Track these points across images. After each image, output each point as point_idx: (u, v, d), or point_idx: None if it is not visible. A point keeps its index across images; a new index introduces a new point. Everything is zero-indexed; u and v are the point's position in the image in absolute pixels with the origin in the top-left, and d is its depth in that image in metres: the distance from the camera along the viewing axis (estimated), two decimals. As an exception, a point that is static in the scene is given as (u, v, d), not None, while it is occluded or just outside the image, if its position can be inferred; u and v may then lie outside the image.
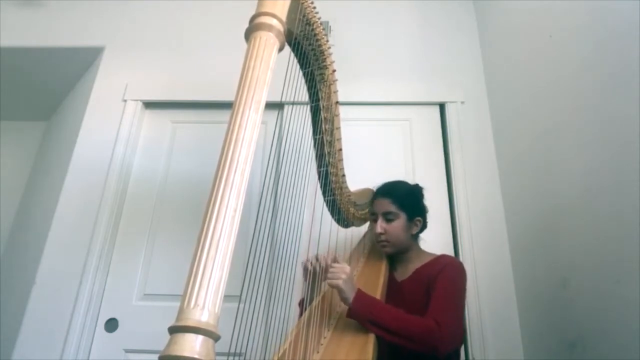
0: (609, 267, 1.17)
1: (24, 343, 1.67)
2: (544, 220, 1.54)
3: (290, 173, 1.10)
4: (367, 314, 1.03)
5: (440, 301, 1.10)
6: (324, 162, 1.19)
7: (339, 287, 1.05)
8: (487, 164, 1.94)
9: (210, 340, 0.44)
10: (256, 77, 0.60)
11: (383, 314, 1.04)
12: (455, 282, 1.17)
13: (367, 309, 1.04)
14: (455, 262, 1.26)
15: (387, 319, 1.02)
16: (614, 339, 1.14)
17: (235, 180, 0.53)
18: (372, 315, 1.02)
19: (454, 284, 1.16)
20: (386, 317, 1.02)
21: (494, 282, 1.73)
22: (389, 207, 1.30)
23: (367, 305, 1.05)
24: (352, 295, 1.05)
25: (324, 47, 1.07)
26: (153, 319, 1.74)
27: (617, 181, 1.14)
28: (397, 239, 1.30)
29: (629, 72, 1.10)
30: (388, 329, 1.01)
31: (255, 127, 0.57)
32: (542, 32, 1.58)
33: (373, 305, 1.05)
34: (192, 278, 0.47)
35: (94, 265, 1.79)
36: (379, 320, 1.02)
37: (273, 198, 1.38)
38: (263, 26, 0.66)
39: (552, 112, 1.50)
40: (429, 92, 2.11)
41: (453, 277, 1.18)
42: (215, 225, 0.49)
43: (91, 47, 2.27)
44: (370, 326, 1.02)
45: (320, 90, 1.11)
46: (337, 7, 2.26)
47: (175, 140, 2.11)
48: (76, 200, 1.91)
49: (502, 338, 1.65)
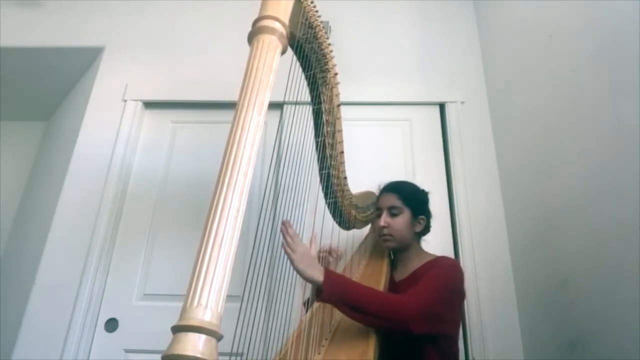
0: (609, 268, 1.17)
1: (24, 343, 1.67)
2: (544, 220, 1.54)
3: (291, 174, 1.10)
4: (338, 293, 0.97)
5: (423, 285, 1.08)
6: (326, 164, 1.20)
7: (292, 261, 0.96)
8: (487, 164, 1.95)
9: (213, 339, 0.44)
10: (259, 79, 0.60)
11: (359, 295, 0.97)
12: (444, 275, 1.15)
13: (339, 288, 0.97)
14: (451, 262, 1.27)
15: (361, 296, 0.97)
16: (614, 339, 1.14)
17: (238, 182, 0.53)
18: (344, 295, 0.96)
19: (442, 276, 1.14)
20: (358, 294, 0.97)
21: (494, 283, 1.73)
22: (395, 201, 1.32)
23: (337, 284, 0.98)
24: (321, 275, 0.96)
25: (326, 50, 1.07)
26: (153, 319, 1.74)
27: (618, 181, 1.14)
28: (400, 233, 1.31)
29: (629, 72, 1.10)
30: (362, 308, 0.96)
31: (258, 129, 0.58)
32: (542, 32, 1.58)
33: (343, 283, 0.99)
34: (195, 278, 0.47)
35: (94, 265, 1.79)
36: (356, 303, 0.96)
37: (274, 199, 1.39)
38: (266, 29, 0.66)
39: (552, 112, 1.50)
40: (429, 92, 2.11)
41: (443, 270, 1.17)
42: (218, 226, 0.50)
43: (91, 47, 2.27)
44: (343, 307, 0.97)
45: (323, 93, 1.12)
46: (337, 7, 2.26)
47: (175, 140, 2.11)
48: (76, 200, 1.91)
49: (502, 338, 1.65)
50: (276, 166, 1.77)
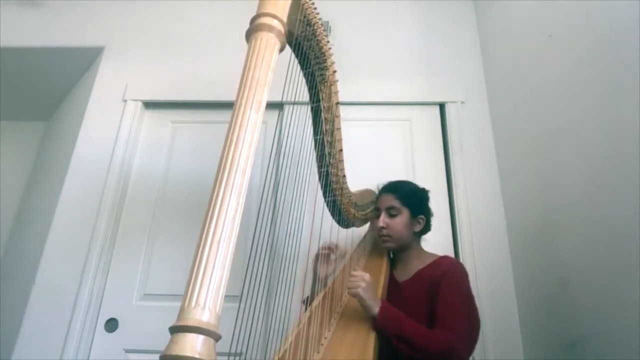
0: (608, 268, 1.17)
1: (24, 343, 1.67)
2: (544, 220, 1.54)
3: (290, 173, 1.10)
4: (393, 329, 1.04)
5: (452, 311, 1.10)
6: (325, 162, 1.19)
7: (358, 296, 1.07)
8: (487, 163, 1.94)
9: (212, 340, 0.44)
10: (257, 77, 0.60)
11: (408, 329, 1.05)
12: (461, 286, 1.17)
13: (394, 324, 1.05)
14: (457, 265, 1.26)
15: (412, 335, 1.03)
16: (614, 339, 1.14)
17: (236, 181, 0.53)
18: (398, 331, 1.04)
19: (460, 288, 1.16)
20: (411, 333, 1.04)
21: (494, 282, 1.73)
22: (393, 202, 1.32)
23: (392, 320, 1.06)
24: (377, 307, 1.07)
25: (325, 48, 1.07)
26: (153, 319, 1.74)
27: (618, 180, 1.14)
28: (399, 234, 1.30)
29: (629, 72, 1.10)
30: (413, 345, 1.02)
31: (256, 128, 0.57)
32: (542, 32, 1.58)
33: (399, 320, 1.06)
34: (193, 278, 0.47)
35: (94, 265, 1.79)
36: (405, 336, 1.03)
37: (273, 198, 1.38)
38: (264, 27, 0.66)
39: (552, 111, 1.50)
40: (429, 92, 2.11)
41: (458, 280, 1.18)
42: (216, 226, 0.50)
43: (91, 47, 2.27)
44: (395, 340, 1.04)
45: (321, 91, 1.12)
46: (337, 7, 2.26)
47: (175, 140, 2.11)
48: (76, 200, 1.91)
49: (502, 338, 1.65)
50: (275, 165, 1.76)
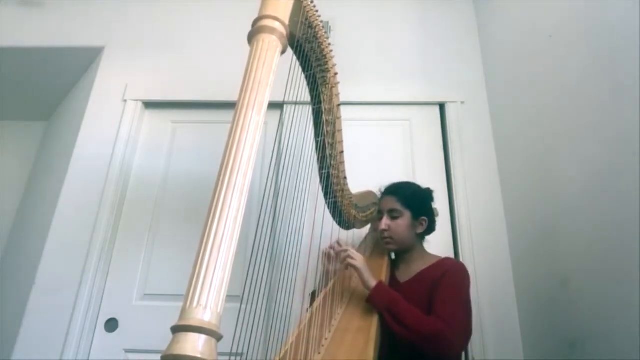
0: (609, 268, 1.17)
1: (24, 343, 1.67)
2: (544, 220, 1.54)
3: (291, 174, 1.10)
4: (387, 302, 1.08)
5: (448, 304, 1.11)
6: (326, 164, 1.20)
7: (356, 266, 1.13)
8: (487, 163, 1.95)
9: (213, 339, 0.44)
10: (259, 79, 0.60)
11: (401, 305, 1.08)
12: (460, 285, 1.18)
13: (388, 298, 1.09)
14: (459, 266, 1.27)
15: (404, 311, 1.06)
16: (614, 339, 1.14)
17: (238, 182, 0.53)
18: (392, 305, 1.07)
19: (459, 287, 1.17)
20: (403, 309, 1.06)
21: (494, 282, 1.73)
22: (395, 204, 1.32)
23: (387, 294, 1.11)
24: (374, 281, 1.12)
25: (326, 50, 1.07)
26: (153, 319, 1.74)
27: (618, 180, 1.14)
28: (401, 236, 1.31)
29: (630, 72, 1.10)
30: (402, 321, 1.04)
31: (258, 129, 0.58)
32: (542, 32, 1.58)
33: (392, 295, 1.10)
34: (195, 278, 0.47)
35: (94, 265, 1.79)
36: (396, 310, 1.06)
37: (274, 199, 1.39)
38: (266, 29, 0.66)
39: (552, 111, 1.50)
40: (429, 92, 2.11)
41: (458, 280, 1.19)
42: (218, 226, 0.50)
43: (91, 47, 2.27)
44: (386, 314, 1.06)
45: (322, 92, 1.12)
46: (337, 7, 2.26)
47: (175, 140, 2.11)
48: (76, 200, 1.91)
49: (502, 338, 1.65)
50: (276, 166, 1.77)
